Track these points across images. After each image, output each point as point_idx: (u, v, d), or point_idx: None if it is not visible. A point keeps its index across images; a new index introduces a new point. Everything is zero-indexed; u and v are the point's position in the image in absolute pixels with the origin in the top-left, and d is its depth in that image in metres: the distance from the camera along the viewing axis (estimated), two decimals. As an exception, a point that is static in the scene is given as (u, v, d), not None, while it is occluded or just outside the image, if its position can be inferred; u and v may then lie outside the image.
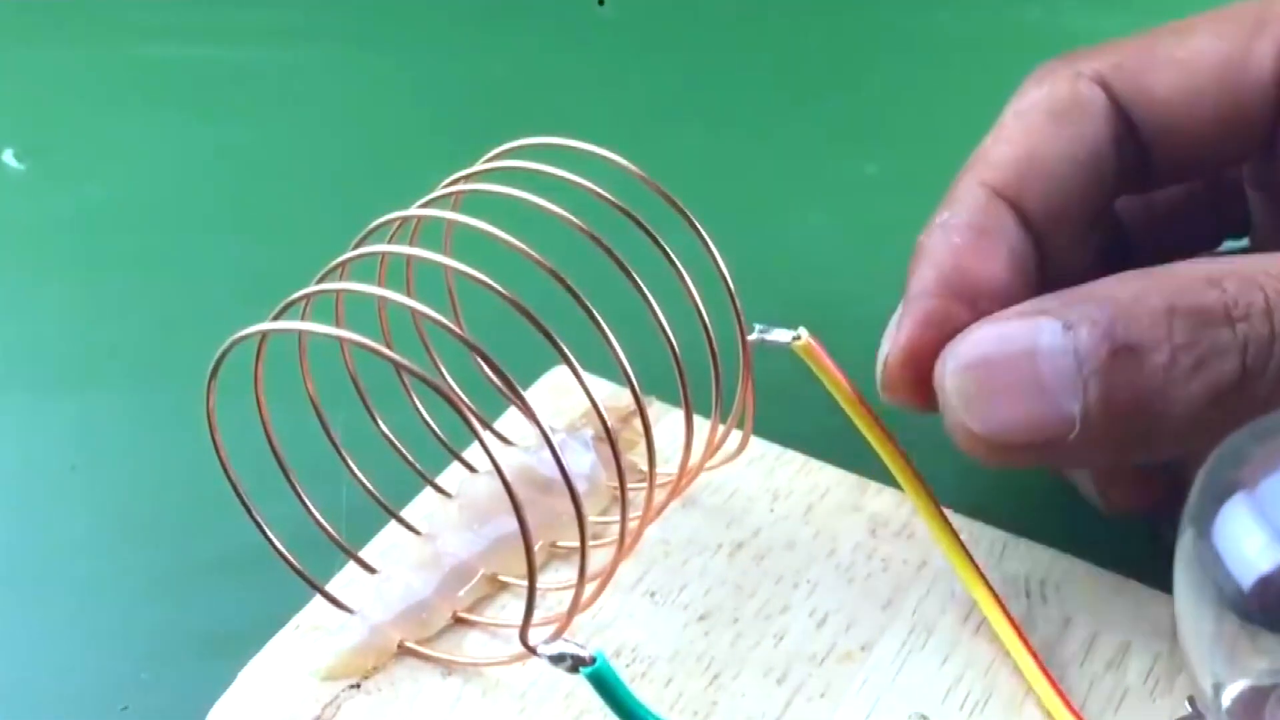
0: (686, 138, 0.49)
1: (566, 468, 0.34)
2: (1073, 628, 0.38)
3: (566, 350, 0.34)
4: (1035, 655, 0.36)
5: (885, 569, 0.39)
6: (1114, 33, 0.41)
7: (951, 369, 0.36)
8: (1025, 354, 0.34)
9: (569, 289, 0.33)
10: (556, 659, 0.34)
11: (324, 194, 0.52)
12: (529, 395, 0.42)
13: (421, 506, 0.41)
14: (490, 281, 0.33)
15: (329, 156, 0.49)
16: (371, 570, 0.39)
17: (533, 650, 0.35)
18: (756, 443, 0.41)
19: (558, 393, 0.44)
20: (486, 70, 0.50)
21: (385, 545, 0.40)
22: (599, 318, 0.34)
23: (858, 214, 0.52)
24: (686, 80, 0.62)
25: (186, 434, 0.44)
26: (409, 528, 0.40)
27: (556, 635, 0.35)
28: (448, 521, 0.40)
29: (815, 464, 0.42)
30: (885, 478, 0.39)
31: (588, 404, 0.37)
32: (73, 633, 0.40)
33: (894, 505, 0.41)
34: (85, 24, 0.64)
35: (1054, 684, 0.36)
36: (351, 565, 0.39)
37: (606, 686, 0.34)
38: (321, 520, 0.38)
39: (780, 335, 0.38)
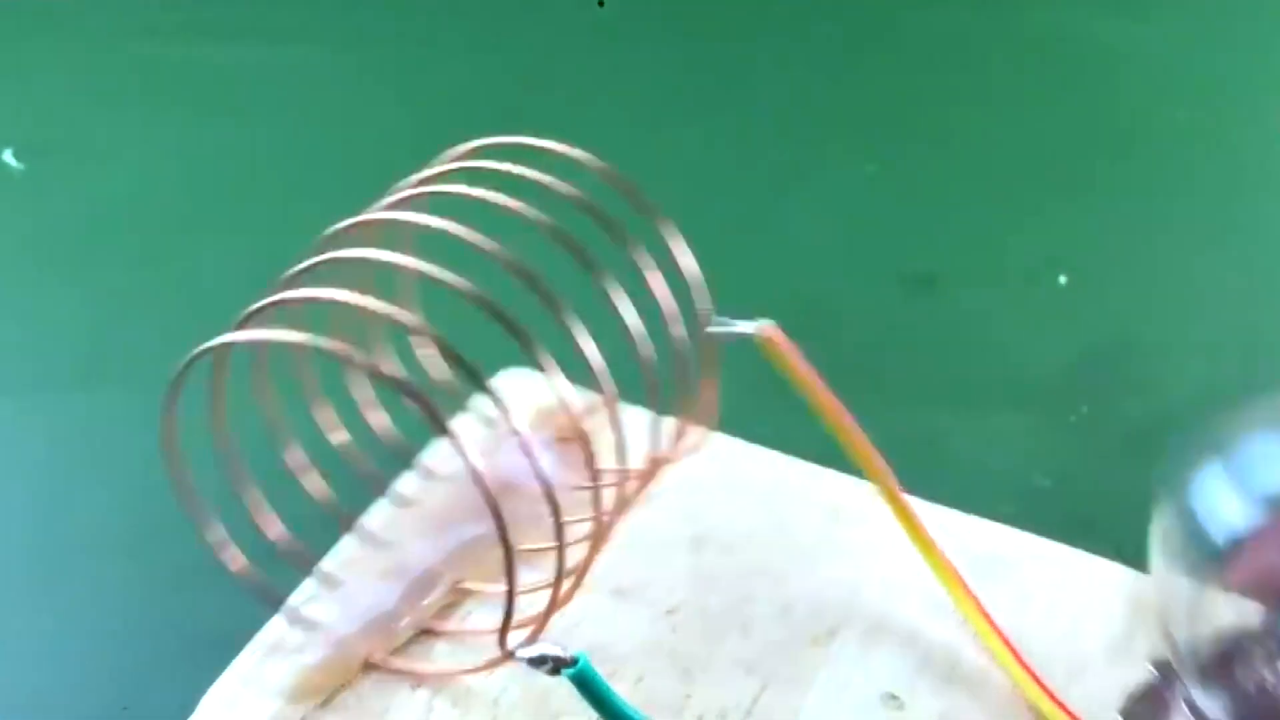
0: (686, 138, 0.49)
1: (534, 470, 0.34)
2: (1032, 602, 0.38)
3: (539, 350, 0.33)
4: (998, 630, 0.37)
5: (848, 554, 0.40)
6: (1113, 34, 0.41)
7: None
8: None
9: (536, 286, 0.33)
10: (536, 661, 0.34)
11: (325, 193, 0.52)
12: (474, 401, 0.42)
13: (380, 515, 0.41)
14: (459, 281, 0.33)
15: (329, 156, 0.49)
16: (334, 583, 0.38)
17: (512, 655, 0.35)
18: (716, 437, 0.41)
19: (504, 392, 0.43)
20: (487, 70, 0.50)
21: (345, 557, 0.39)
22: (566, 314, 0.33)
23: (858, 214, 0.52)
24: (686, 80, 0.62)
25: (186, 433, 0.44)
26: (368, 538, 0.40)
27: (533, 638, 0.35)
28: (408, 529, 0.40)
29: (774, 455, 0.42)
30: (846, 466, 0.39)
31: (535, 408, 0.38)
32: (73, 633, 0.40)
33: (853, 492, 0.41)
34: (85, 24, 0.65)
35: (1019, 658, 0.36)
36: (312, 579, 0.39)
37: (589, 686, 0.34)
38: (284, 535, 0.38)
39: (743, 327, 0.37)
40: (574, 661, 0.34)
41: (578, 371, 0.35)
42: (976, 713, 0.36)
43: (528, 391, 0.39)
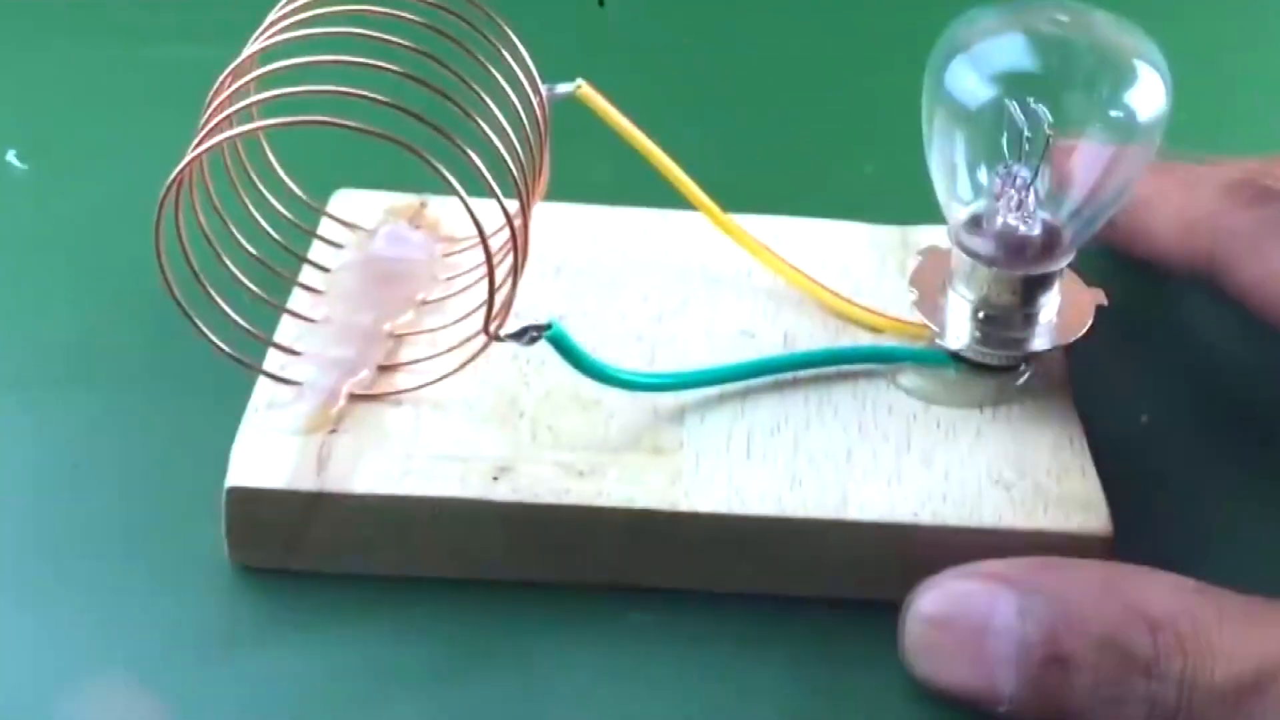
0: (686, 138, 0.49)
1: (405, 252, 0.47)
2: (829, 262, 0.51)
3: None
4: (803, 272, 0.49)
5: (672, 260, 0.51)
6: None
7: (914, 615, 0.40)
8: (979, 626, 0.38)
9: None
10: (519, 335, 0.41)
11: (324, 191, 0.52)
12: (326, 222, 0.50)
13: (301, 299, 0.48)
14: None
15: (329, 157, 0.49)
16: (295, 352, 0.45)
17: (497, 336, 0.42)
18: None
19: (348, 209, 0.51)
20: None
21: (293, 334, 0.46)
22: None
23: (857, 214, 0.53)
24: (686, 80, 0.63)
25: (187, 432, 0.44)
26: (301, 317, 0.47)
27: (503, 321, 0.43)
28: (339, 302, 0.47)
29: (594, 208, 0.53)
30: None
31: (376, 211, 0.50)
32: (72, 633, 0.41)
33: (660, 222, 0.52)
34: (86, 24, 0.63)
35: (824, 287, 0.48)
36: (271, 352, 0.45)
37: (565, 345, 0.42)
38: (247, 325, 0.45)
39: (565, 88, 0.47)
40: (549, 326, 0.41)
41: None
42: (811, 328, 0.48)
43: (365, 204, 0.51)
